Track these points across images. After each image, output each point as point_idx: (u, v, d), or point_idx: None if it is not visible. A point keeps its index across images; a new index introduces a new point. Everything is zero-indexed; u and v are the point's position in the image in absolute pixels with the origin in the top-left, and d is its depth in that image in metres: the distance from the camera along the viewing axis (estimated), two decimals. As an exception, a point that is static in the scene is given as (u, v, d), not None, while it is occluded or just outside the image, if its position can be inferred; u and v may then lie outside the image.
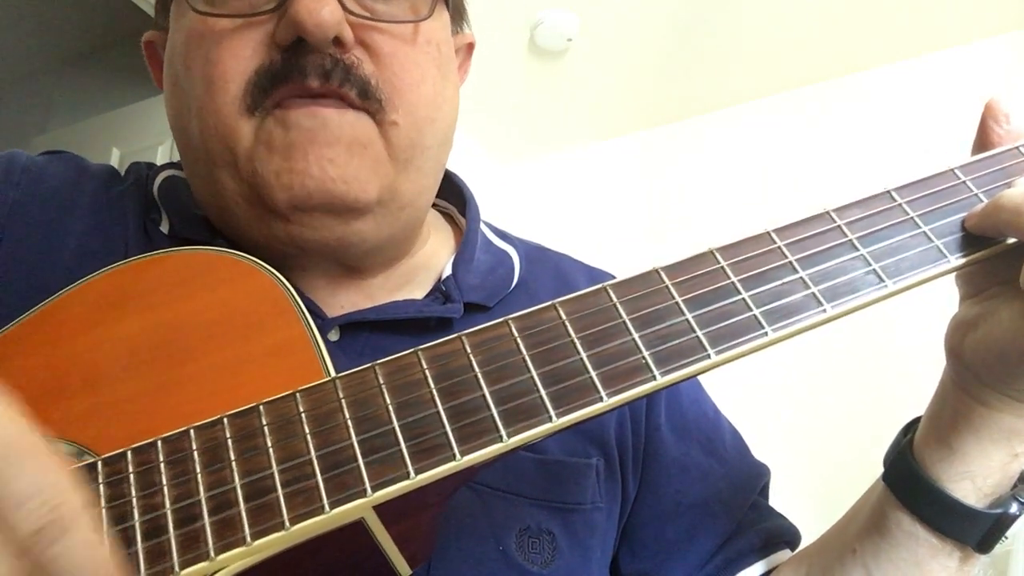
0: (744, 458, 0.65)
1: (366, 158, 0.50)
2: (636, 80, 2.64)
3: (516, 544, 0.51)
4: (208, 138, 0.50)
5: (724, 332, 0.38)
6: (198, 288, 0.43)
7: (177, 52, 0.53)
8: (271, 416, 0.36)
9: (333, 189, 0.48)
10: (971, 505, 0.45)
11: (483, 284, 0.59)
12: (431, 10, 0.53)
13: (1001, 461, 0.45)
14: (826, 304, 0.40)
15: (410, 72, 0.52)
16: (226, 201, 0.52)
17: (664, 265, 0.41)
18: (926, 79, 2.40)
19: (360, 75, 0.49)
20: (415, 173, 0.54)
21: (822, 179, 2.42)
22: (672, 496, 0.59)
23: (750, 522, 0.60)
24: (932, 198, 0.44)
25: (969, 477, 0.45)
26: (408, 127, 0.52)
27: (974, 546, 0.46)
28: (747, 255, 0.41)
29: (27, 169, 0.56)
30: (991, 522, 0.45)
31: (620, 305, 0.39)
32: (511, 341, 0.38)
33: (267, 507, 0.33)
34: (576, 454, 0.56)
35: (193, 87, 0.51)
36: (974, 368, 0.44)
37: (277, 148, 0.48)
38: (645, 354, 0.37)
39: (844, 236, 0.42)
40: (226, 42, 0.49)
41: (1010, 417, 0.44)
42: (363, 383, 0.37)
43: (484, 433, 0.35)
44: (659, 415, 0.61)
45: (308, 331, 0.41)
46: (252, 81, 0.49)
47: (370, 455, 0.35)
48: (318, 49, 0.48)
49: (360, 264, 0.57)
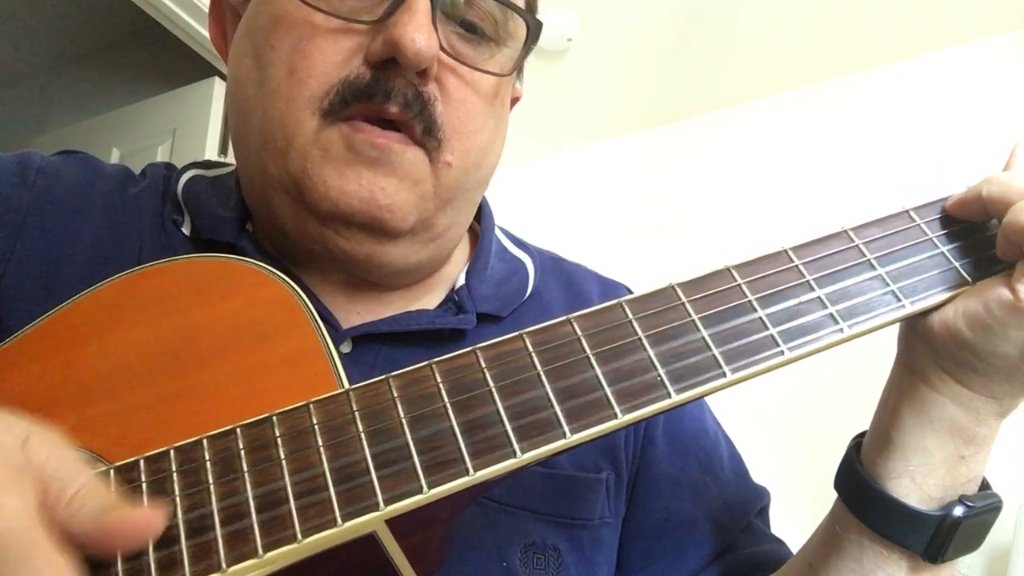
0: (741, 479, 0.64)
1: (414, 193, 0.51)
2: (636, 80, 2.64)
3: (520, 560, 0.50)
4: (270, 120, 0.50)
5: (741, 351, 0.38)
6: (213, 296, 0.43)
7: (262, 25, 0.52)
8: (284, 427, 0.36)
9: (377, 213, 0.49)
10: (911, 505, 0.43)
11: (496, 294, 0.59)
12: (513, 69, 0.55)
13: (943, 459, 0.43)
14: (843, 324, 0.39)
15: (473, 120, 0.53)
16: (267, 184, 0.52)
17: (680, 281, 0.41)
18: (926, 79, 2.40)
19: (432, 113, 0.50)
20: (452, 211, 0.55)
21: (822, 179, 2.42)
22: (661, 512, 0.58)
23: (741, 544, 0.58)
24: (950, 218, 0.44)
25: (908, 475, 0.43)
26: (458, 170, 0.52)
27: (921, 553, 0.43)
28: (764, 273, 0.41)
29: (41, 170, 0.56)
30: (934, 525, 0.43)
31: (636, 321, 0.39)
32: (526, 356, 0.38)
33: (279, 519, 0.33)
34: (587, 468, 0.55)
35: (272, 67, 0.50)
36: (932, 339, 0.42)
37: (333, 159, 0.49)
38: (660, 371, 0.37)
39: (862, 256, 0.42)
40: (320, 39, 0.49)
41: (952, 405, 0.43)
42: (377, 395, 0.37)
43: (498, 448, 0.35)
44: (655, 428, 0.60)
45: (322, 341, 0.41)
46: (336, 88, 0.48)
47: (383, 468, 0.34)
48: (404, 75, 0.48)
49: (382, 282, 0.57)
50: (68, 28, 3.16)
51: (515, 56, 0.55)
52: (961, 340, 0.41)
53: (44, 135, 3.03)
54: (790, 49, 2.45)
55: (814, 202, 2.36)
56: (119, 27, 3.08)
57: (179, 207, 0.58)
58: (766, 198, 2.49)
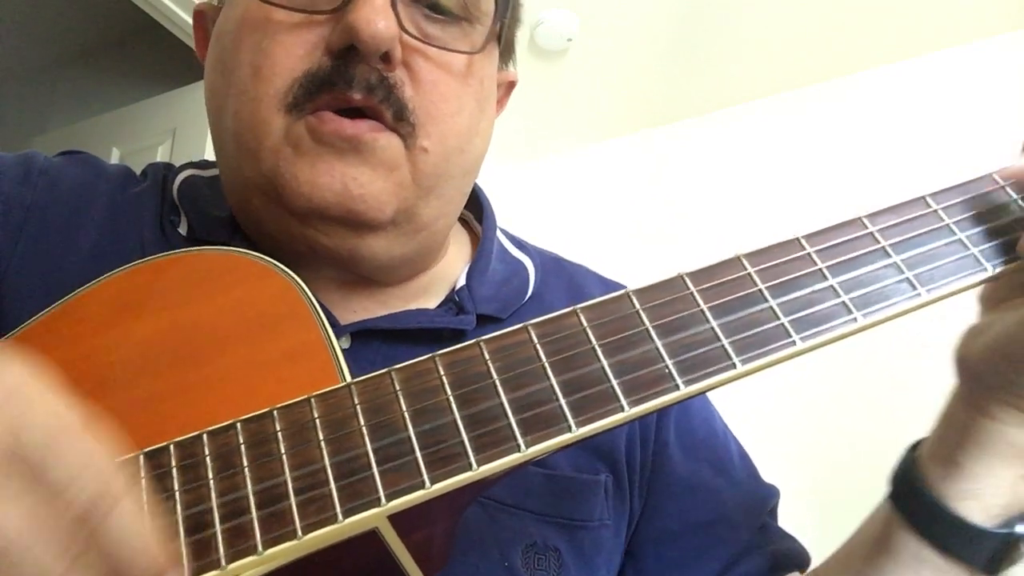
0: (753, 479, 0.63)
1: (390, 181, 0.50)
2: (636, 80, 2.62)
3: (522, 560, 0.50)
4: (240, 122, 0.50)
5: (751, 341, 0.37)
6: (214, 289, 0.43)
7: (228, 31, 0.52)
8: (285, 421, 0.35)
9: (351, 205, 0.48)
10: (977, 524, 0.43)
11: (497, 295, 0.59)
12: (484, 45, 0.53)
13: (1009, 481, 0.43)
14: (857, 313, 0.38)
15: (448, 102, 0.52)
16: (245, 188, 0.52)
17: (689, 271, 0.40)
18: (926, 79, 2.38)
19: (399, 97, 0.49)
20: (436, 200, 0.53)
21: (823, 179, 2.40)
22: (678, 515, 0.58)
23: (758, 544, 0.58)
24: (968, 204, 0.42)
25: (975, 496, 0.43)
26: (437, 155, 0.51)
27: (981, 568, 0.44)
28: (775, 261, 0.40)
29: (44, 171, 0.56)
30: (998, 542, 0.43)
31: (643, 312, 0.38)
32: (530, 348, 0.37)
33: (279, 515, 0.33)
34: (585, 470, 0.55)
35: (239, 70, 0.50)
36: (981, 374, 0.43)
37: (304, 153, 0.48)
38: (668, 363, 0.36)
39: (876, 243, 0.40)
40: (281, 36, 0.49)
41: (1015, 431, 0.43)
42: (379, 389, 0.36)
43: (502, 442, 0.34)
44: (668, 432, 0.60)
45: (324, 335, 0.40)
46: (299, 82, 0.48)
47: (385, 463, 0.34)
48: (366, 61, 0.48)
49: (373, 277, 0.56)
50: (68, 28, 3.17)
51: (487, 33, 0.53)
52: (1005, 374, 0.41)
53: (44, 135, 3.03)
54: (790, 49, 2.43)
55: (815, 202, 2.34)
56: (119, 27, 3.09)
57: (175, 208, 0.58)
58: (767, 198, 2.47)
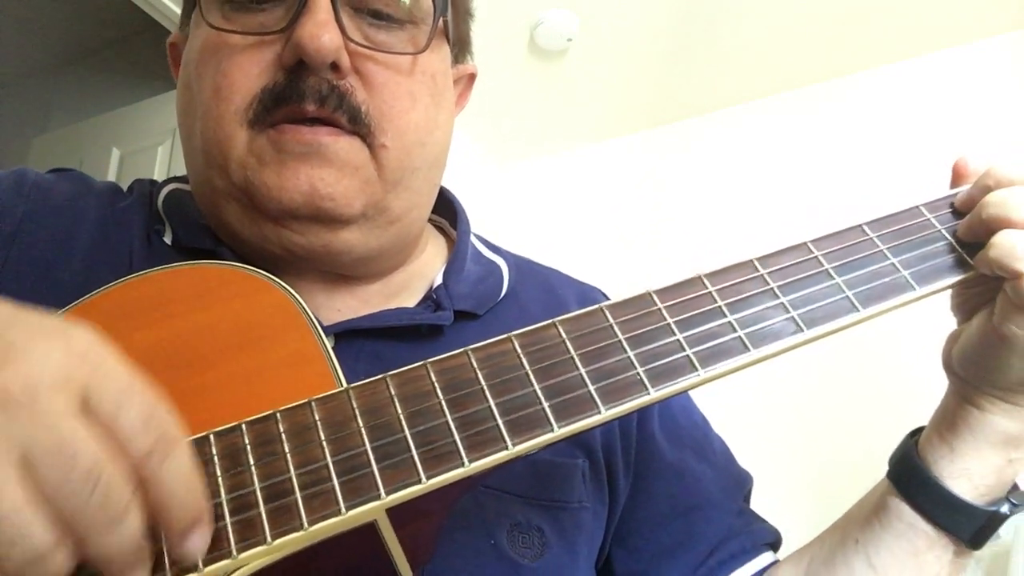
0: (732, 465, 0.69)
1: (356, 178, 0.54)
2: (636, 80, 2.64)
3: (508, 538, 0.54)
4: (207, 140, 0.54)
5: (712, 352, 0.42)
6: (214, 301, 0.45)
7: (192, 58, 0.57)
8: (288, 423, 0.38)
9: (320, 204, 0.52)
10: (968, 500, 0.50)
11: (472, 293, 0.63)
12: (427, 45, 0.57)
13: (997, 464, 0.50)
14: (804, 328, 0.43)
15: (401, 100, 0.56)
16: (219, 200, 0.55)
17: (656, 288, 0.44)
18: (926, 79, 2.42)
19: (352, 102, 0.53)
20: (405, 192, 0.57)
21: (822, 179, 2.43)
22: (668, 500, 0.63)
23: (739, 526, 0.63)
24: (900, 232, 0.48)
25: (967, 475, 0.50)
26: (397, 150, 0.55)
27: (967, 540, 0.51)
28: (732, 281, 0.45)
29: (37, 184, 0.58)
30: (984, 518, 0.50)
31: (616, 325, 0.42)
32: (514, 356, 0.41)
33: (286, 509, 0.35)
34: (563, 455, 0.59)
35: (202, 92, 0.55)
36: (961, 373, 0.51)
37: (268, 163, 0.52)
38: (640, 371, 0.41)
39: (821, 266, 0.46)
40: (237, 57, 0.53)
41: (1003, 419, 0.50)
42: (375, 393, 0.39)
43: (491, 442, 0.38)
44: (652, 423, 0.65)
45: (320, 343, 0.43)
46: (258, 98, 0.52)
47: (383, 461, 0.37)
48: (316, 73, 0.52)
49: (352, 272, 0.60)
50: (68, 28, 3.13)
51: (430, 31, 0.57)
52: (978, 371, 0.49)
53: (44, 135, 2.99)
54: (790, 49, 2.46)
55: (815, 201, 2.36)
56: (119, 27, 3.04)
57: (160, 219, 0.61)
58: (766, 198, 2.50)
